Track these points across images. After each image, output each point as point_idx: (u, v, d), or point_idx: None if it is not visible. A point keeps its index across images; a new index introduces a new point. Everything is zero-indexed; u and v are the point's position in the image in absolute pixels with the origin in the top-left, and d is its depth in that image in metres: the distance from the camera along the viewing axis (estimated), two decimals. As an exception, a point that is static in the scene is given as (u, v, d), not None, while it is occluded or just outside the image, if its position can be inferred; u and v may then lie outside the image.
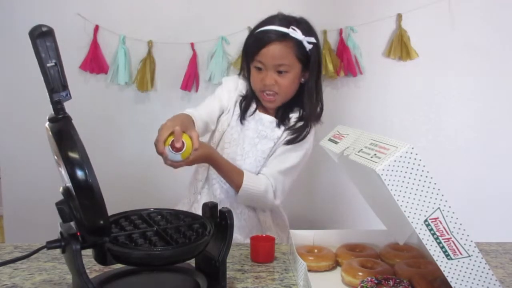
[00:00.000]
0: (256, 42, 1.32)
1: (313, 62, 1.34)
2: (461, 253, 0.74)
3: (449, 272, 0.75)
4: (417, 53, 2.10)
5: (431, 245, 0.74)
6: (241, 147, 1.38)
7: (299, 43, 1.30)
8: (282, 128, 1.38)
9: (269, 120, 1.39)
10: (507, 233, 1.68)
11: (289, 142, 1.36)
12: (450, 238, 0.73)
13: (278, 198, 1.36)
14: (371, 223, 1.16)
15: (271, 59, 1.30)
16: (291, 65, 1.31)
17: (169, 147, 1.07)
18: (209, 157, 1.26)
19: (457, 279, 0.75)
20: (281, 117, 1.38)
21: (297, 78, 1.35)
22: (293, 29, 1.29)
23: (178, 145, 1.06)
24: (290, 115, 1.39)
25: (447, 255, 0.74)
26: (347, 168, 1.03)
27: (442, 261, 0.74)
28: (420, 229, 0.73)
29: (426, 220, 0.73)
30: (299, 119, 1.38)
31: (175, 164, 1.12)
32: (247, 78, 1.40)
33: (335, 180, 2.14)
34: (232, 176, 1.31)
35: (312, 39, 1.33)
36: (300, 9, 1.41)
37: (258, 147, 1.37)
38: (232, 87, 1.43)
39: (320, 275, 0.99)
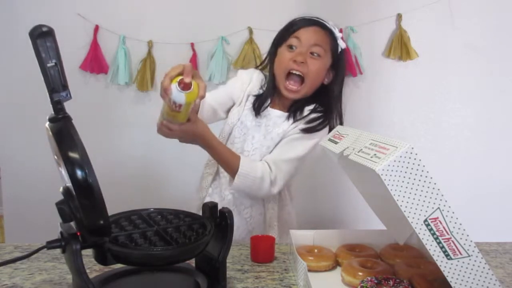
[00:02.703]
0: (296, 23, 1.34)
1: (342, 66, 1.37)
2: (461, 253, 0.74)
3: (449, 272, 0.75)
4: (417, 53, 2.10)
5: (431, 245, 0.74)
6: (250, 143, 1.37)
7: (335, 38, 1.34)
8: (291, 121, 1.35)
9: (277, 115, 1.37)
10: (507, 233, 1.68)
11: (304, 131, 1.32)
12: (450, 238, 0.73)
13: (276, 186, 1.31)
14: (371, 223, 1.16)
15: (309, 36, 1.31)
16: (325, 52, 1.32)
17: (176, 84, 0.99)
18: (201, 135, 1.19)
19: (457, 279, 0.75)
20: (294, 111, 1.36)
21: (324, 71, 1.34)
22: (333, 25, 1.35)
23: (187, 79, 0.98)
24: (305, 108, 1.36)
25: (447, 255, 0.74)
26: (347, 168, 1.04)
27: (442, 261, 0.74)
28: (420, 229, 0.73)
29: (426, 220, 0.73)
30: (313, 111, 1.36)
31: (169, 126, 1.09)
32: (270, 65, 1.38)
33: (335, 180, 2.14)
34: (227, 159, 1.26)
35: (344, 45, 1.37)
36: (300, 9, 1.41)
37: (264, 143, 1.36)
38: (246, 79, 1.41)
39: (320, 275, 0.99)
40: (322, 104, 1.37)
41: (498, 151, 2.18)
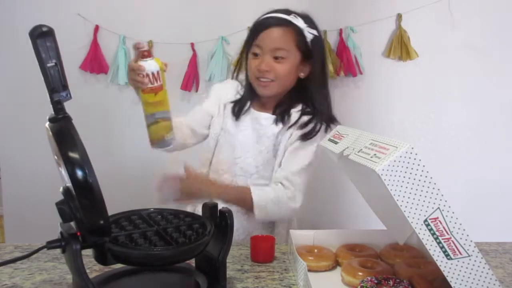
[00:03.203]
0: (255, 27, 1.32)
1: (316, 55, 1.31)
2: (461, 253, 0.74)
3: (449, 272, 0.75)
4: (417, 53, 2.10)
5: (431, 245, 0.74)
6: (239, 149, 1.36)
7: (300, 31, 1.29)
8: (281, 125, 1.33)
9: (265, 117, 1.36)
10: (507, 233, 1.68)
11: (302, 138, 1.30)
12: (450, 238, 0.74)
13: (297, 201, 1.30)
14: (371, 223, 1.16)
15: (268, 42, 1.27)
16: (289, 52, 1.28)
17: (141, 59, 1.11)
18: (205, 184, 1.24)
19: (457, 279, 0.75)
20: (281, 113, 1.34)
21: (295, 68, 1.31)
22: (294, 16, 1.29)
23: (145, 47, 1.10)
24: (291, 111, 1.34)
25: (447, 255, 0.74)
26: (347, 168, 1.03)
27: (442, 261, 0.74)
28: (420, 229, 0.73)
29: (426, 220, 0.73)
30: (302, 113, 1.33)
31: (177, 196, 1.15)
32: (245, 68, 1.38)
33: (335, 180, 2.14)
34: (239, 196, 1.26)
35: (314, 31, 1.31)
36: (300, 9, 1.41)
37: (256, 147, 1.34)
38: (221, 91, 1.42)
39: (320, 275, 0.99)
40: (307, 100, 1.34)
41: (498, 151, 2.18)
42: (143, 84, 1.10)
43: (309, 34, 1.29)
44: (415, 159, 0.72)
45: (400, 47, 2.10)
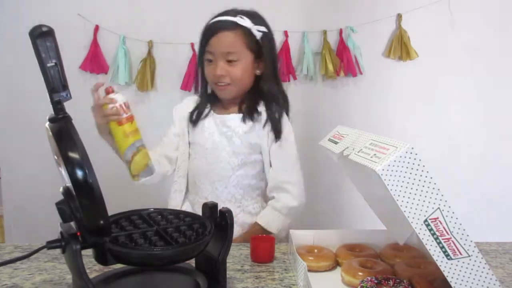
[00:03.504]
0: (205, 33, 1.33)
1: (266, 52, 1.33)
2: (461, 253, 0.74)
3: (449, 272, 0.75)
4: (417, 53, 2.10)
5: (431, 245, 0.74)
6: (212, 156, 1.35)
7: (248, 32, 1.30)
8: (250, 122, 1.34)
9: (230, 118, 1.36)
10: (507, 233, 1.68)
11: (277, 138, 1.33)
12: (450, 238, 0.73)
13: (302, 196, 1.37)
14: (371, 223, 1.16)
15: (219, 47, 1.29)
16: (240, 54, 1.30)
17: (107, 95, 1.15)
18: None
19: (457, 279, 0.75)
20: (248, 111, 1.35)
21: (250, 67, 1.33)
22: (240, 17, 1.30)
23: (106, 84, 1.16)
24: (258, 108, 1.35)
25: (447, 255, 0.74)
26: (347, 168, 1.03)
27: (442, 261, 0.74)
28: (420, 229, 0.73)
29: (426, 220, 0.73)
30: (269, 109, 1.35)
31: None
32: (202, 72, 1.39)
33: (335, 180, 2.14)
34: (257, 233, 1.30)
35: (262, 28, 1.32)
36: (300, 9, 1.41)
37: (228, 149, 1.34)
38: (183, 109, 1.43)
39: (320, 275, 0.99)
40: (267, 95, 1.36)
41: (498, 151, 2.18)
42: (119, 115, 1.12)
43: (257, 32, 1.31)
44: (415, 159, 0.72)
45: (400, 47, 2.10)
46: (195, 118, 1.39)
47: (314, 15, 2.10)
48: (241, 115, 1.35)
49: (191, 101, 1.44)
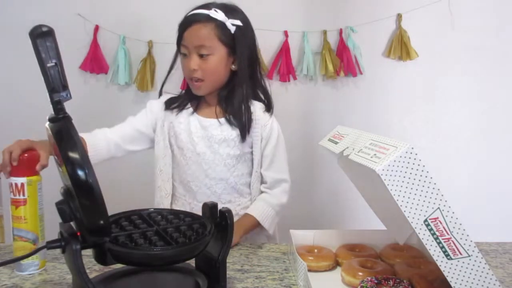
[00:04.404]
0: (180, 27, 1.32)
1: (240, 46, 1.30)
2: (461, 253, 0.74)
3: (449, 272, 0.75)
4: (417, 53, 2.10)
5: (431, 245, 0.74)
6: (204, 161, 1.34)
7: (222, 25, 1.28)
8: (234, 126, 1.32)
9: (213, 122, 1.34)
10: (507, 233, 1.67)
11: (270, 136, 1.35)
12: (450, 238, 0.74)
13: (287, 190, 1.38)
14: (371, 223, 1.16)
15: (191, 40, 1.28)
16: (213, 47, 1.28)
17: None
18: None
19: (457, 279, 0.75)
20: (233, 112, 1.33)
21: (223, 62, 1.30)
22: (215, 10, 1.28)
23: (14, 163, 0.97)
24: (242, 109, 1.33)
25: (447, 255, 0.74)
26: (347, 168, 1.03)
27: (442, 261, 0.74)
28: (420, 229, 0.73)
29: (426, 220, 0.73)
30: (249, 110, 1.34)
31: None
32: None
33: (335, 180, 2.14)
34: (247, 226, 1.29)
35: (237, 22, 1.30)
36: (300, 9, 1.41)
37: (221, 152, 1.33)
38: (156, 107, 1.41)
39: (320, 275, 0.99)
40: (245, 92, 1.34)
41: (498, 151, 2.18)
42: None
43: (232, 26, 1.29)
44: (415, 159, 0.72)
45: (400, 47, 2.10)
46: (176, 106, 1.37)
47: (314, 15, 2.10)
48: (223, 119, 1.33)
49: (163, 98, 1.43)
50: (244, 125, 1.32)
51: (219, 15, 1.27)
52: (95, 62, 2.08)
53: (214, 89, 1.35)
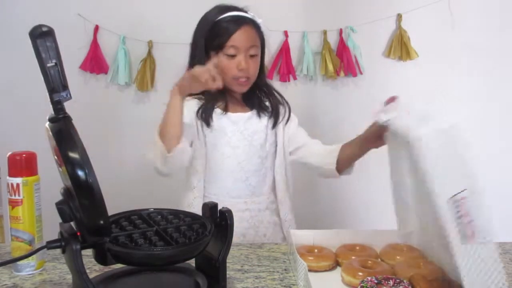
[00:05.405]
0: (227, 29, 1.32)
1: (264, 45, 1.39)
2: (477, 239, 0.72)
3: (461, 256, 0.73)
4: (417, 53, 2.10)
5: (450, 225, 0.72)
6: (240, 155, 1.36)
7: (259, 27, 1.36)
8: (265, 116, 1.39)
9: (247, 116, 1.38)
10: (507, 233, 1.67)
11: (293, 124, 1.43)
12: (472, 221, 0.72)
13: None
14: (371, 223, 1.16)
15: (245, 41, 1.31)
16: (258, 47, 1.35)
17: None
18: None
19: (466, 263, 0.72)
20: (259, 106, 1.40)
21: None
22: (251, 13, 1.35)
23: None
24: (266, 103, 1.41)
25: (464, 238, 0.72)
26: (391, 145, 1.04)
27: (456, 244, 0.72)
28: (444, 206, 0.71)
29: (452, 198, 0.71)
30: (275, 103, 1.42)
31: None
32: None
33: (336, 181, 2.13)
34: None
35: (266, 29, 1.38)
36: (300, 9, 1.41)
37: (255, 144, 1.37)
38: (192, 108, 1.37)
39: (320, 275, 0.99)
40: (268, 87, 1.43)
41: (498, 151, 2.18)
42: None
43: (264, 28, 1.37)
44: (458, 136, 0.71)
45: (400, 47, 2.10)
46: (205, 115, 1.35)
47: (314, 15, 2.10)
48: (254, 111, 1.39)
49: (193, 101, 1.39)
50: (272, 112, 1.39)
51: (256, 18, 1.36)
52: (95, 62, 2.08)
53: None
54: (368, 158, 1.33)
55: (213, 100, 1.37)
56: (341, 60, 2.09)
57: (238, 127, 1.37)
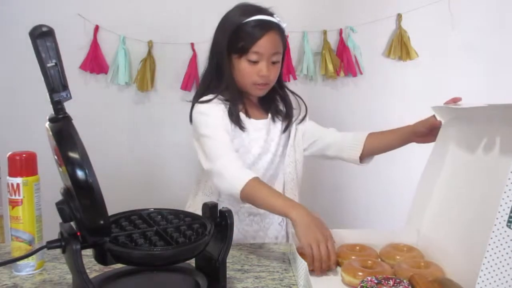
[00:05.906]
0: (252, 33, 1.25)
1: (285, 50, 1.35)
2: None
3: (497, 240, 0.71)
4: (417, 53, 2.10)
5: (504, 204, 0.70)
6: (261, 161, 1.34)
7: (283, 32, 1.30)
8: (279, 121, 1.36)
9: (266, 122, 1.35)
10: (507, 233, 1.68)
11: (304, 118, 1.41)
12: None
13: None
14: (371, 223, 1.16)
15: (270, 48, 1.26)
16: (281, 54, 1.30)
17: None
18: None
19: (498, 247, 0.71)
20: (275, 110, 1.37)
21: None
22: (277, 18, 1.30)
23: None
24: (277, 102, 1.37)
25: (510, 222, 0.71)
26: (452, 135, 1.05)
27: (501, 227, 0.70)
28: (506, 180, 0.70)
29: None
30: (286, 103, 1.39)
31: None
32: (224, 76, 1.30)
33: (336, 180, 2.14)
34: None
35: (287, 33, 1.34)
36: (300, 9, 1.41)
37: (272, 150, 1.35)
38: (221, 110, 1.31)
39: (320, 275, 0.99)
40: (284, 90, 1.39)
41: (498, 151, 2.18)
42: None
43: (286, 32, 1.32)
44: None
45: (400, 47, 2.10)
46: (237, 120, 1.30)
47: (314, 15, 2.10)
48: (270, 116, 1.36)
49: (216, 103, 1.31)
50: (286, 116, 1.37)
51: (281, 22, 1.30)
52: (95, 62, 2.08)
53: None
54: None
55: (234, 104, 1.32)
56: (341, 60, 2.09)
57: (261, 134, 1.34)
